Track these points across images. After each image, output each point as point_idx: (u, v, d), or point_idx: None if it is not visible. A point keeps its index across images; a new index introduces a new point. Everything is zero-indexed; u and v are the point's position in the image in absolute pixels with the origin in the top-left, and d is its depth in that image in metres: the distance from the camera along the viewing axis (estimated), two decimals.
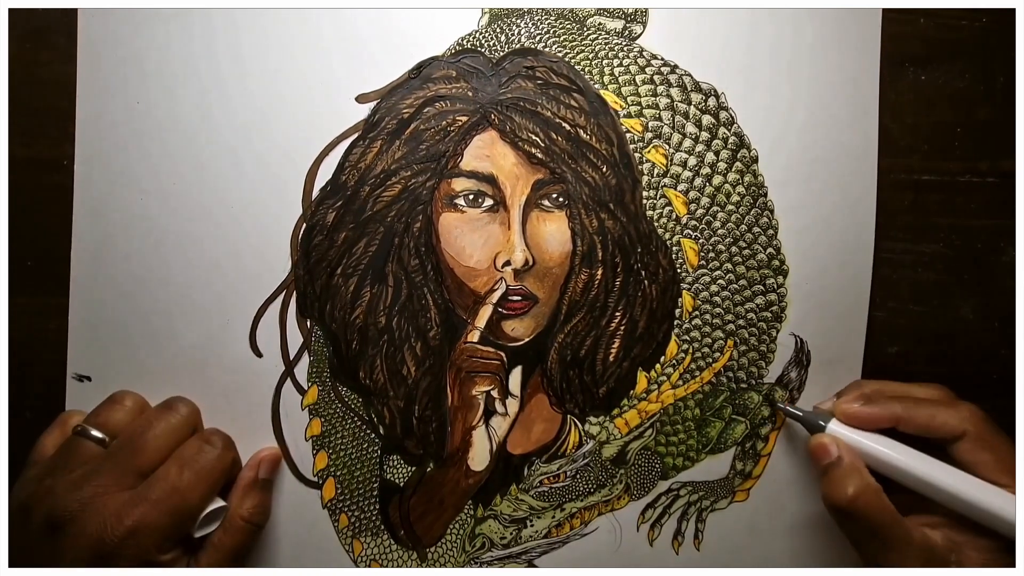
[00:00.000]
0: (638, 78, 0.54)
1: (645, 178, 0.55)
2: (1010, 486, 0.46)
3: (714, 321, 0.56)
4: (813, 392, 0.56)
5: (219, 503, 0.51)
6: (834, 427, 0.51)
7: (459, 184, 0.54)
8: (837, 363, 0.56)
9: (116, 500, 0.46)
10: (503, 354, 0.55)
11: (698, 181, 0.55)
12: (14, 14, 0.53)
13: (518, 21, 0.54)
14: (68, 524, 0.45)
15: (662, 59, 0.55)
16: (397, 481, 0.56)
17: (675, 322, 0.55)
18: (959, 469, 0.48)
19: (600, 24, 0.55)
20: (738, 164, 0.55)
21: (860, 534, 0.48)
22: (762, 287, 0.55)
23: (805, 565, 0.58)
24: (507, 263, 0.54)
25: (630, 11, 0.55)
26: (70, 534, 0.45)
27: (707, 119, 0.55)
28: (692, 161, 0.55)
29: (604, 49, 0.54)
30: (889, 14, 0.55)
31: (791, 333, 0.56)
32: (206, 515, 0.49)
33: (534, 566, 0.57)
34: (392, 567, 0.56)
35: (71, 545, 0.45)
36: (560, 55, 0.54)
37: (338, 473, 0.56)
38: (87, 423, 0.50)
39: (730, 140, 0.55)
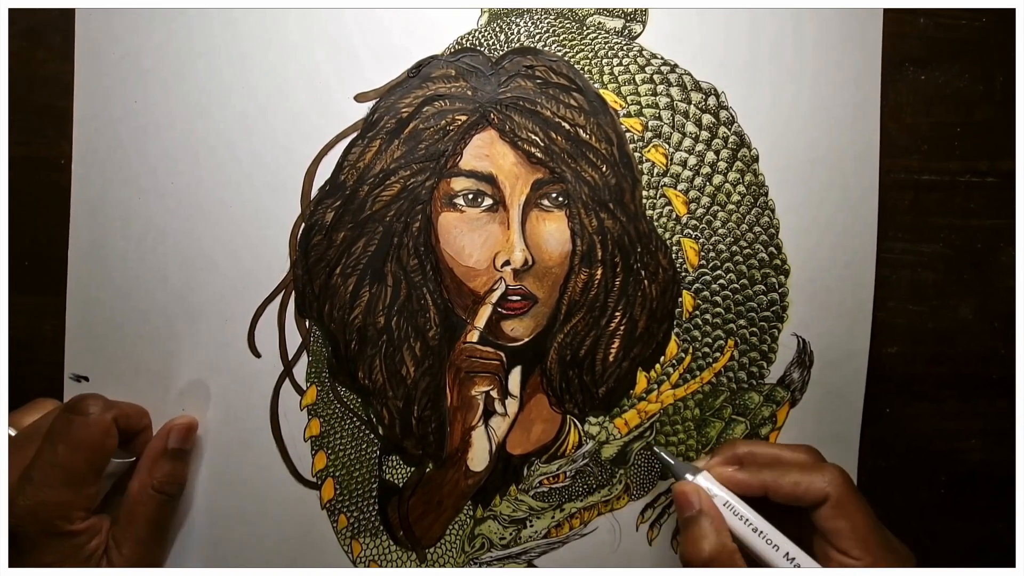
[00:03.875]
0: (638, 77, 0.54)
1: (645, 177, 0.54)
2: (862, 560, 0.46)
3: (715, 321, 0.55)
4: (816, 394, 0.56)
5: (122, 460, 0.51)
6: (701, 480, 0.50)
7: (458, 183, 0.54)
8: (842, 364, 0.56)
9: (9, 484, 0.47)
10: (502, 354, 0.55)
11: (698, 180, 0.55)
12: (9, 13, 0.53)
13: (517, 20, 0.54)
14: None
15: (662, 58, 0.55)
16: (396, 482, 0.56)
17: (675, 322, 0.55)
18: (818, 535, 0.48)
19: (600, 23, 0.55)
20: (738, 163, 0.55)
21: None
22: (763, 287, 0.55)
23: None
24: (506, 263, 0.54)
25: (630, 10, 0.54)
26: None
27: (707, 118, 0.55)
28: (692, 160, 0.55)
29: (604, 48, 0.54)
30: (889, 14, 0.55)
31: (793, 334, 0.56)
32: (114, 468, 0.50)
33: (534, 566, 0.57)
34: (391, 568, 0.56)
35: None
36: (560, 54, 0.54)
37: (337, 474, 0.55)
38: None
39: (730, 139, 0.55)
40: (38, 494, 0.46)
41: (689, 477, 0.51)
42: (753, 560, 0.48)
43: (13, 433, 0.50)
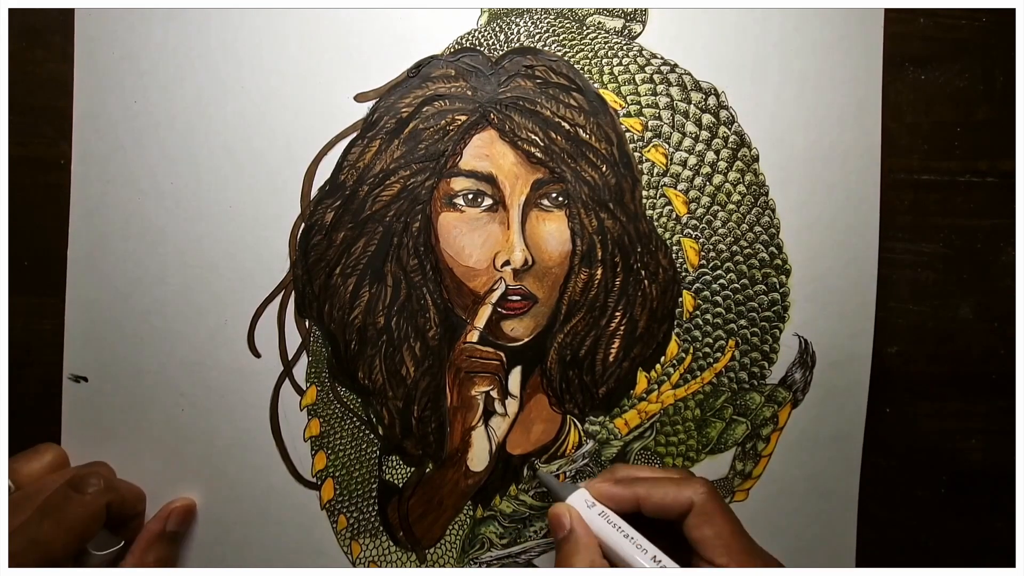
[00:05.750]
0: (638, 77, 0.54)
1: (645, 177, 0.54)
2: (728, 565, 0.47)
3: (715, 321, 0.55)
4: (818, 394, 0.56)
5: (109, 550, 0.50)
6: (575, 499, 0.51)
7: (458, 183, 0.54)
8: (845, 365, 0.56)
9: None
10: (502, 354, 0.55)
11: (698, 180, 0.55)
12: (8, 13, 0.53)
13: (517, 20, 0.54)
14: None
15: (662, 58, 0.54)
16: (396, 482, 0.56)
17: (676, 322, 0.55)
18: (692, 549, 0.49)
19: (600, 23, 0.54)
20: (739, 163, 0.55)
21: None
22: (764, 287, 0.55)
23: (805, 565, 0.57)
24: (506, 263, 0.54)
25: (629, 10, 0.54)
26: None
27: (707, 118, 0.54)
28: (692, 160, 0.55)
29: (603, 48, 0.54)
30: (889, 14, 0.55)
31: (795, 334, 0.56)
32: (97, 545, 0.49)
33: (533, 566, 0.57)
34: (391, 568, 0.56)
35: None
36: (559, 54, 0.54)
37: (337, 474, 0.55)
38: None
39: (730, 139, 0.55)
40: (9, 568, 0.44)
41: (564, 495, 0.51)
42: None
43: (12, 488, 0.48)
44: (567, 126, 0.54)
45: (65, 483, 0.48)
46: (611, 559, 0.48)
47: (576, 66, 0.54)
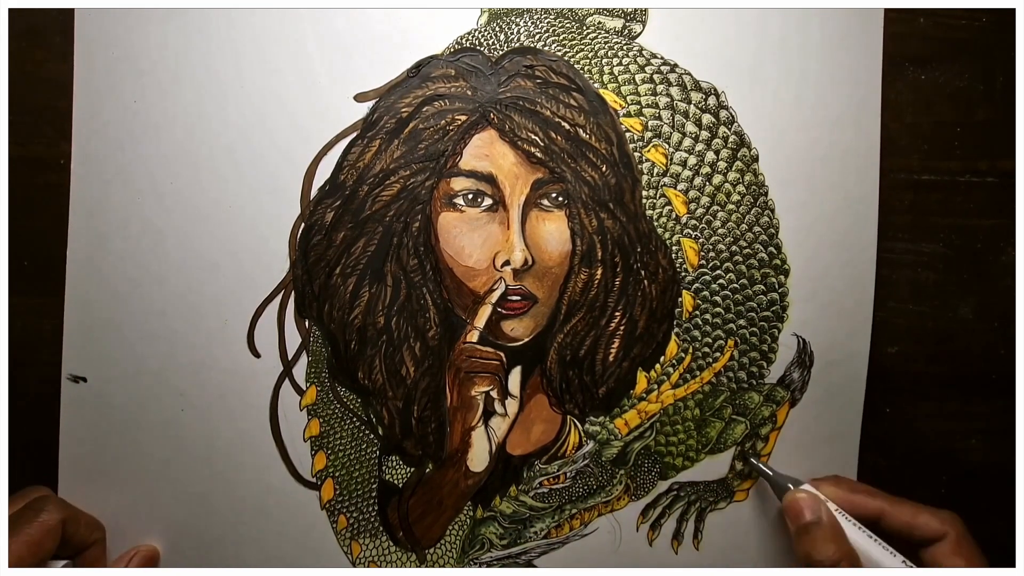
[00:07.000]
0: (638, 77, 0.54)
1: (645, 177, 0.54)
2: None
3: (715, 321, 0.55)
4: (816, 393, 0.56)
5: (61, 566, 0.50)
6: (809, 489, 0.52)
7: (458, 183, 0.54)
8: (842, 364, 0.56)
9: None
10: (502, 354, 0.55)
11: (698, 180, 0.55)
12: (8, 13, 0.53)
13: (517, 20, 0.54)
14: None
15: (662, 58, 0.54)
16: (396, 482, 0.56)
17: (675, 322, 0.55)
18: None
19: (599, 23, 0.54)
20: (738, 163, 0.55)
21: None
22: (763, 286, 0.55)
23: None
24: (506, 263, 0.54)
25: (629, 10, 0.54)
26: None
27: (707, 118, 0.54)
28: (692, 160, 0.55)
29: (603, 48, 0.54)
30: (889, 14, 0.55)
31: (793, 333, 0.56)
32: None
33: (533, 566, 0.57)
34: (391, 568, 0.56)
35: None
36: (559, 54, 0.54)
37: (337, 474, 0.55)
38: None
39: (730, 139, 0.55)
40: None
41: (790, 486, 0.53)
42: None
43: None
44: (567, 126, 0.54)
45: (24, 505, 0.49)
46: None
47: (576, 66, 0.54)
